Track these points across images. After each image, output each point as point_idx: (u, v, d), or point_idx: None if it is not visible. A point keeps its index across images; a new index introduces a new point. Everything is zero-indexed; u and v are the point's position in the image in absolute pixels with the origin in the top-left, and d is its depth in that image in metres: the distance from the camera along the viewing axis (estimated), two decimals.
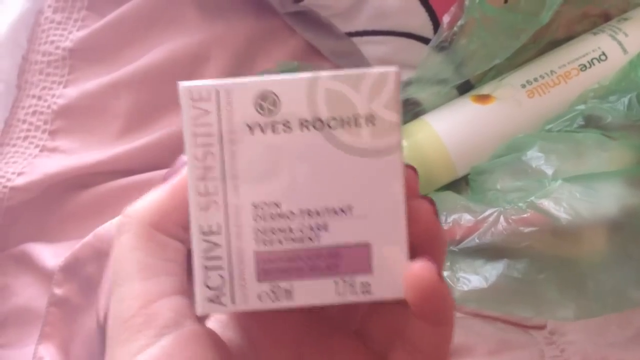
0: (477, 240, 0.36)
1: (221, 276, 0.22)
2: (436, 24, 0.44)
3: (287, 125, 0.22)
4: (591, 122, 0.40)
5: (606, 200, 0.36)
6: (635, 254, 0.36)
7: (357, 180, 0.22)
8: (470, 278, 0.36)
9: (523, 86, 0.43)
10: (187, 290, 0.22)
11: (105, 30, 0.46)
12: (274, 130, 0.22)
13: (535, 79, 0.43)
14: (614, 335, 0.39)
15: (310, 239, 0.22)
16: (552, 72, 0.43)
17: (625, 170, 0.37)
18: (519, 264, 0.36)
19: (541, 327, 0.39)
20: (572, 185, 0.36)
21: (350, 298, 0.22)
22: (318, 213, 0.22)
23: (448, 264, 0.37)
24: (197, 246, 0.22)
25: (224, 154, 0.22)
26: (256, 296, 0.22)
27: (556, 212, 0.35)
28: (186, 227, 0.22)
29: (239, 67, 0.46)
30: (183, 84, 0.22)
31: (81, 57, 0.46)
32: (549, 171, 0.37)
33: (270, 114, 0.22)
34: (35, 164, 0.43)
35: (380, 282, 0.22)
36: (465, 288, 0.36)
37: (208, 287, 0.22)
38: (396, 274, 0.22)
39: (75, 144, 0.44)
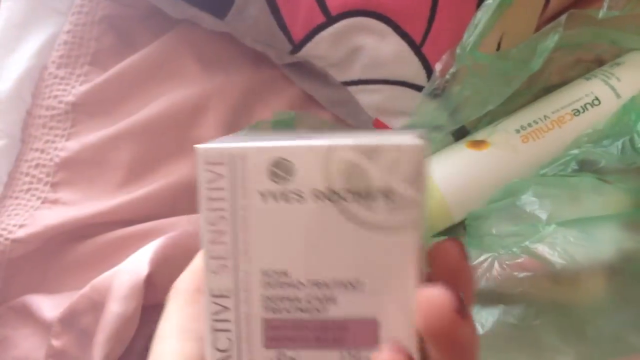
0: None
1: (229, 339, 0.22)
2: (429, 72, 0.44)
3: (299, 195, 0.21)
4: (585, 167, 0.40)
5: (602, 244, 0.36)
6: (634, 298, 0.36)
7: (369, 255, 0.21)
8: None
9: (517, 131, 0.43)
10: None
11: (107, 84, 0.47)
12: (286, 200, 0.21)
13: (530, 124, 0.43)
14: None
15: (318, 310, 0.21)
16: (545, 117, 0.43)
17: (621, 214, 0.37)
18: (514, 310, 0.35)
19: None
20: (567, 229, 0.36)
21: None
22: (327, 285, 0.21)
23: None
24: (208, 308, 0.22)
25: (236, 219, 0.21)
26: None
27: (550, 256, 0.35)
28: None
29: (238, 117, 0.47)
30: (199, 146, 0.21)
31: (83, 110, 0.47)
32: (543, 216, 0.37)
33: (283, 182, 0.21)
34: (36, 216, 0.44)
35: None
36: None
37: (217, 349, 0.22)
38: None
39: (77, 196, 0.45)
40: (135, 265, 0.37)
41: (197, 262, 0.25)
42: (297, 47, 0.45)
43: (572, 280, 0.36)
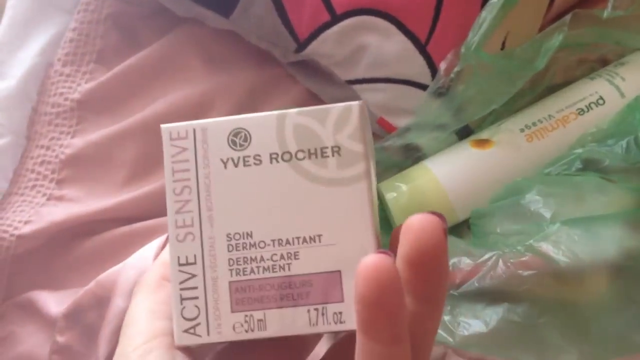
0: (476, 284, 0.36)
1: (197, 307, 0.23)
2: (434, 70, 0.45)
3: (257, 158, 0.23)
4: (589, 166, 0.40)
5: (606, 243, 0.36)
6: (638, 297, 0.36)
7: (325, 209, 0.22)
8: (471, 322, 0.36)
9: (522, 130, 0.43)
10: None
11: (112, 82, 0.47)
12: (245, 164, 0.23)
13: (534, 124, 0.43)
14: None
15: (282, 267, 0.22)
16: (550, 116, 0.43)
17: (625, 213, 0.37)
18: (519, 308, 0.35)
19: None
20: (571, 228, 0.36)
21: (324, 328, 0.22)
22: (289, 242, 0.22)
23: (448, 307, 0.37)
24: (174, 277, 0.23)
25: (199, 188, 0.23)
26: (231, 327, 0.22)
27: (555, 255, 0.35)
28: None
29: None
30: (164, 125, 0.23)
31: (89, 108, 0.47)
32: (547, 214, 0.37)
33: (242, 148, 0.23)
34: (41, 212, 0.44)
35: (352, 311, 0.22)
36: (466, 333, 0.36)
37: (184, 317, 0.23)
38: None
39: (82, 193, 0.45)
40: (141, 261, 0.37)
41: (162, 256, 0.26)
42: (302, 45, 0.45)
43: (576, 278, 0.36)
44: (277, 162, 0.23)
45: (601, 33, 0.44)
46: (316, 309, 0.22)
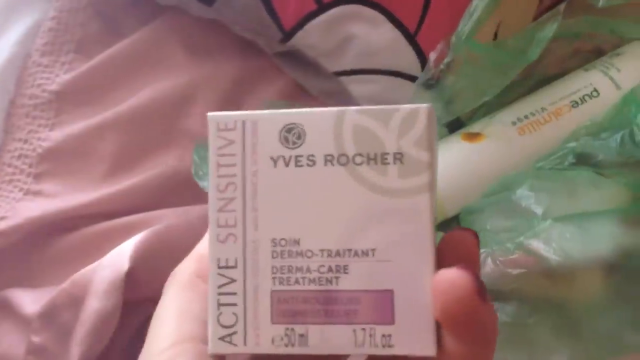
0: None
1: (235, 314, 0.21)
2: (424, 62, 0.43)
3: (311, 159, 0.21)
4: (583, 160, 0.39)
5: (599, 240, 0.35)
6: (631, 296, 0.35)
7: (382, 221, 0.20)
8: None
9: (514, 123, 0.42)
10: None
11: (92, 73, 0.46)
12: (297, 164, 0.21)
13: (526, 116, 0.42)
14: None
15: (329, 281, 0.21)
16: (543, 109, 0.42)
17: (619, 209, 0.36)
18: (508, 307, 0.35)
19: None
20: (563, 225, 0.35)
21: (370, 350, 0.20)
22: (339, 254, 0.21)
23: None
24: (213, 280, 0.21)
25: (245, 186, 0.21)
26: (269, 339, 0.21)
27: (545, 253, 0.34)
28: None
29: (227, 107, 0.46)
30: (211, 114, 0.21)
31: (68, 99, 0.46)
32: (539, 210, 0.36)
33: (294, 147, 0.21)
34: (18, 207, 0.42)
35: (403, 335, 0.20)
36: None
37: (220, 324, 0.21)
38: (420, 327, 0.20)
39: (60, 187, 0.43)
40: (116, 260, 0.36)
41: (198, 249, 0.24)
42: (287, 35, 0.44)
43: (567, 277, 0.35)
44: (332, 164, 0.21)
45: (596, 22, 0.43)
46: (363, 329, 0.20)
